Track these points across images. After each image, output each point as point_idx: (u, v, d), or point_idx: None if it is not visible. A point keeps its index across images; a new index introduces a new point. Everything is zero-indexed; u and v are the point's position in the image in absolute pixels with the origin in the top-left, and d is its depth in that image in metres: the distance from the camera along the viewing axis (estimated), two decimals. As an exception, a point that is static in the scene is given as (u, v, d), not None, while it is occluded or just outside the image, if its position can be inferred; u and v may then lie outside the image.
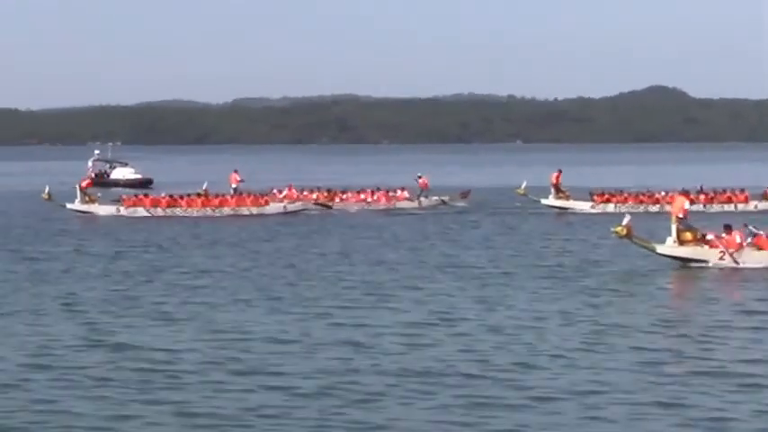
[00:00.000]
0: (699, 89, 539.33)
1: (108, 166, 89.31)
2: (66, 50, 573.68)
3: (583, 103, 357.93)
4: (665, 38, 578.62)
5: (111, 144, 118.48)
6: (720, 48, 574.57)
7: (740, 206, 51.18)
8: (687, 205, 30.40)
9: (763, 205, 51.65)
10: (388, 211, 52.45)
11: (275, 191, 55.83)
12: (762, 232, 29.19)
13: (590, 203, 51.99)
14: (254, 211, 50.44)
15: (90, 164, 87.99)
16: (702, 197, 52.05)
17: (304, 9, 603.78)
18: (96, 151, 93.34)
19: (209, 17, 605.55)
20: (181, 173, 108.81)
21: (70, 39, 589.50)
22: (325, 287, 25.78)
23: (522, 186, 54.61)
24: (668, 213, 46.17)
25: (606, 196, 52.45)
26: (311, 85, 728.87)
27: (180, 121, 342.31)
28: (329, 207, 52.83)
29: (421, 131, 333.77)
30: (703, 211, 48.63)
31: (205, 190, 53.85)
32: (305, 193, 55.85)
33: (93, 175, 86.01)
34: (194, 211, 50.16)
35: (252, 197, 52.02)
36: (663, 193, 52.03)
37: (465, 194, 56.66)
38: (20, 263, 31.50)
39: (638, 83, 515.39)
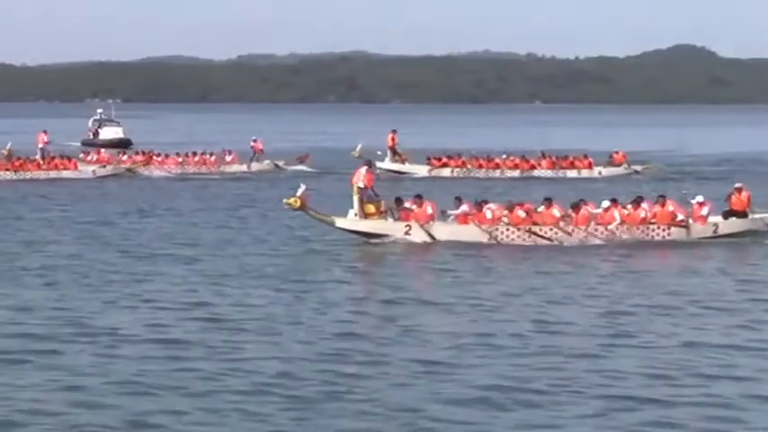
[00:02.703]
0: (728, 49, 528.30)
1: (98, 125, 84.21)
2: (66, 4, 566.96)
3: (605, 63, 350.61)
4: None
5: (111, 101, 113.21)
6: (751, 5, 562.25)
7: (584, 172, 50.17)
8: (364, 173, 27.10)
9: (607, 171, 50.48)
10: (207, 176, 49.61)
11: (83, 154, 54.15)
12: (465, 207, 26.49)
13: (427, 167, 50.78)
14: (64, 174, 47.79)
15: (90, 123, 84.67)
16: (545, 162, 50.90)
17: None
18: (99, 110, 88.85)
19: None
20: (176, 133, 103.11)
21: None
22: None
23: (358, 148, 50.79)
24: (509, 179, 47.66)
25: (444, 160, 51.18)
26: (319, 42, 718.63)
27: (183, 78, 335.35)
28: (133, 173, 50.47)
29: (434, 90, 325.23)
30: (548, 177, 48.23)
31: (9, 150, 50.31)
32: (119, 156, 53.99)
33: (90, 134, 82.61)
34: None
35: (58, 160, 49.53)
36: (504, 157, 51.37)
37: (302, 159, 54.03)
38: None
39: (664, 41, 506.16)
